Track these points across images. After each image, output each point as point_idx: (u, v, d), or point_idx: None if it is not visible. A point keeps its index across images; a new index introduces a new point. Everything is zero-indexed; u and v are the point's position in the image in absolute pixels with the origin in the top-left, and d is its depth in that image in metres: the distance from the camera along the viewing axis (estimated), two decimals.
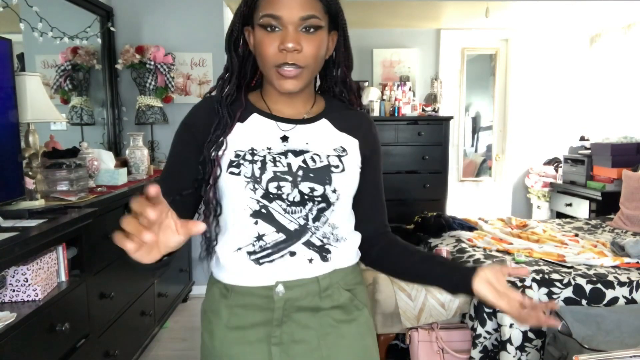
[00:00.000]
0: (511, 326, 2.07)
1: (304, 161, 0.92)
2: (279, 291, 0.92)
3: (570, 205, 4.17)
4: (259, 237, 0.90)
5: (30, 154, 1.95)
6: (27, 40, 2.47)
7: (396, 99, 4.24)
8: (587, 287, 2.13)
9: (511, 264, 2.30)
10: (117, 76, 3.40)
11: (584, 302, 2.12)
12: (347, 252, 0.98)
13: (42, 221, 1.63)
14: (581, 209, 4.02)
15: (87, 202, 1.99)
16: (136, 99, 3.33)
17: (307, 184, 0.90)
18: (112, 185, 2.46)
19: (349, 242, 0.99)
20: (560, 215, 4.32)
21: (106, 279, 2.09)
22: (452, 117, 4.24)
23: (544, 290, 2.12)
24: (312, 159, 0.92)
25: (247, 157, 0.90)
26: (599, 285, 2.14)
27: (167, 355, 2.76)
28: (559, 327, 1.90)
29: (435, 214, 3.16)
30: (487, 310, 2.12)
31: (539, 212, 4.68)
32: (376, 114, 4.13)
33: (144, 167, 2.89)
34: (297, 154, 0.92)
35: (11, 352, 1.31)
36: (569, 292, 2.12)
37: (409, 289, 2.17)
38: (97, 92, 3.29)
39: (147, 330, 2.66)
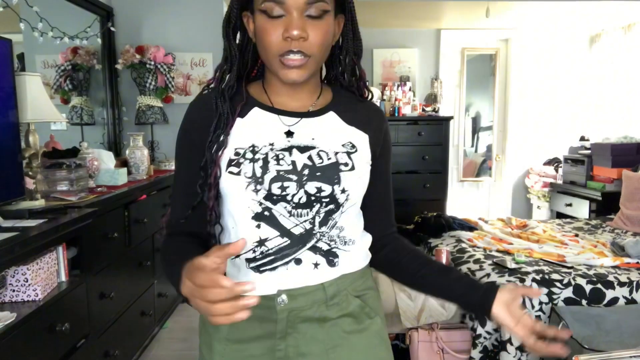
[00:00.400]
0: None
1: (309, 158, 0.83)
2: (282, 301, 0.84)
3: (570, 205, 4.17)
4: (261, 242, 0.82)
5: (30, 154, 1.95)
6: (27, 40, 2.48)
7: (396, 99, 4.24)
8: (587, 287, 2.13)
9: (511, 264, 2.30)
10: (117, 76, 3.40)
11: (584, 302, 2.11)
12: (356, 256, 0.90)
13: (42, 221, 1.63)
14: (581, 209, 4.03)
15: (87, 202, 1.99)
16: (136, 99, 3.33)
17: (314, 184, 0.81)
18: (112, 185, 2.46)
19: (358, 244, 0.91)
20: (560, 215, 4.32)
21: (106, 279, 2.09)
22: (452, 117, 4.24)
23: (544, 290, 2.11)
24: (318, 155, 0.83)
25: (248, 155, 0.82)
26: (599, 285, 2.14)
27: (167, 355, 2.76)
28: (559, 327, 1.90)
29: (435, 214, 3.16)
30: None
31: (539, 212, 4.68)
32: None
33: (144, 167, 2.89)
34: (302, 150, 0.83)
35: (11, 352, 1.31)
36: (569, 292, 2.12)
37: (409, 289, 2.17)
38: (97, 92, 3.29)
39: (147, 330, 2.66)
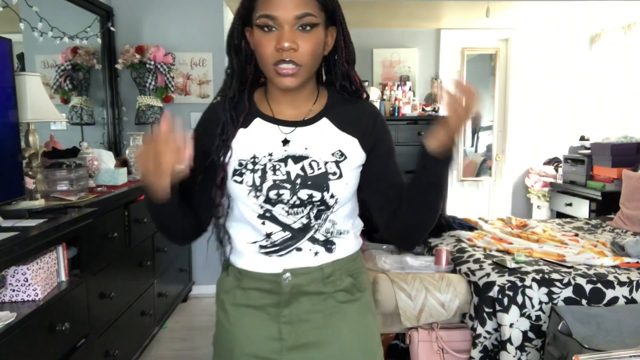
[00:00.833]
0: (511, 326, 2.07)
1: (302, 168, 0.96)
2: (287, 278, 0.99)
3: (570, 205, 4.17)
4: (268, 235, 0.98)
5: (30, 154, 1.95)
6: (27, 40, 2.47)
7: (396, 99, 4.24)
8: (587, 287, 2.13)
9: (511, 264, 2.30)
10: (117, 76, 3.40)
11: (584, 302, 2.11)
12: (350, 243, 1.05)
13: (42, 221, 1.63)
14: (581, 208, 4.02)
15: (87, 202, 1.99)
16: (136, 99, 3.33)
17: (305, 191, 0.95)
18: (112, 185, 2.46)
19: (351, 233, 1.05)
20: (560, 215, 4.32)
21: (106, 279, 2.09)
22: None
23: (544, 290, 2.12)
24: (310, 165, 0.96)
25: (249, 166, 0.96)
26: (599, 285, 2.14)
27: (167, 355, 2.76)
28: (559, 327, 1.90)
29: None
30: (487, 310, 2.12)
31: (539, 212, 4.68)
32: None
33: None
34: (296, 160, 0.96)
35: (11, 352, 1.31)
36: (569, 292, 2.12)
37: (409, 289, 2.17)
38: (97, 92, 3.29)
39: (147, 330, 2.66)
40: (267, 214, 0.97)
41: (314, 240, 0.99)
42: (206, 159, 0.98)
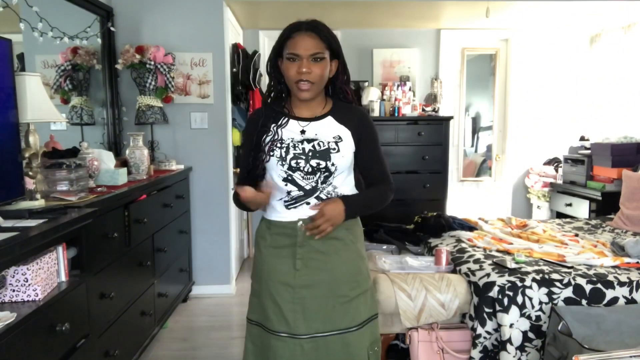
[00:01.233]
0: (511, 326, 2.07)
1: (312, 146, 1.49)
2: (300, 225, 1.51)
3: (570, 205, 4.17)
4: (289, 193, 1.51)
5: (30, 154, 1.94)
6: (27, 40, 2.47)
7: (396, 99, 4.24)
8: (587, 287, 2.13)
9: (511, 264, 2.30)
10: (117, 76, 3.40)
11: (584, 302, 2.12)
12: None
13: (42, 221, 1.63)
14: (581, 209, 4.03)
15: (87, 202, 1.99)
16: (136, 99, 3.33)
17: (315, 160, 1.49)
18: (112, 185, 2.46)
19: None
20: (560, 215, 4.32)
21: (106, 279, 2.09)
22: (452, 117, 4.24)
23: (544, 290, 2.12)
24: (318, 144, 1.50)
25: (278, 144, 1.51)
26: (599, 285, 2.14)
27: (167, 355, 2.76)
28: (559, 327, 1.90)
29: (435, 214, 3.16)
30: (487, 310, 2.12)
31: (539, 212, 4.68)
32: (376, 114, 4.13)
33: (144, 167, 2.89)
34: (309, 141, 1.50)
35: (11, 352, 1.31)
36: (569, 292, 2.12)
37: (409, 289, 2.17)
38: (97, 92, 3.29)
39: (147, 330, 2.66)
40: (289, 177, 1.49)
41: (319, 198, 1.51)
42: (255, 145, 1.53)
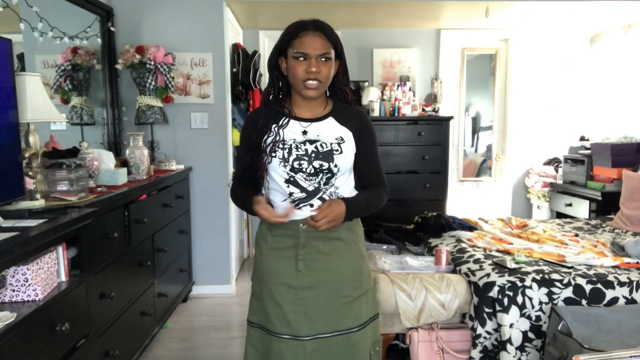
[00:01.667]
0: (511, 326, 2.07)
1: (315, 147, 1.46)
2: (302, 226, 1.48)
3: (570, 205, 4.17)
4: (291, 194, 1.48)
5: (30, 154, 1.94)
6: (27, 40, 2.47)
7: (396, 99, 4.24)
8: (587, 287, 2.13)
9: (511, 264, 2.30)
10: (117, 76, 3.39)
11: (584, 302, 2.12)
12: None
13: (42, 221, 1.63)
14: (581, 209, 4.03)
15: (87, 202, 1.99)
16: (136, 99, 3.33)
17: (317, 162, 1.46)
18: (112, 185, 2.46)
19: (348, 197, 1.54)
20: (560, 215, 4.32)
21: (106, 279, 2.09)
22: (452, 117, 4.24)
23: (544, 290, 2.12)
24: (321, 146, 1.47)
25: (280, 146, 1.47)
26: (599, 285, 2.14)
27: (167, 355, 2.76)
28: (559, 327, 1.90)
29: (435, 214, 3.16)
30: (487, 310, 2.12)
31: (539, 212, 4.68)
32: (376, 114, 4.13)
33: (144, 167, 2.89)
34: (312, 142, 1.47)
35: (11, 352, 1.31)
36: (569, 292, 2.12)
37: (409, 289, 2.17)
38: (97, 92, 3.29)
39: (147, 330, 2.66)
40: (291, 178, 1.46)
41: (322, 199, 1.48)
42: (254, 144, 1.49)
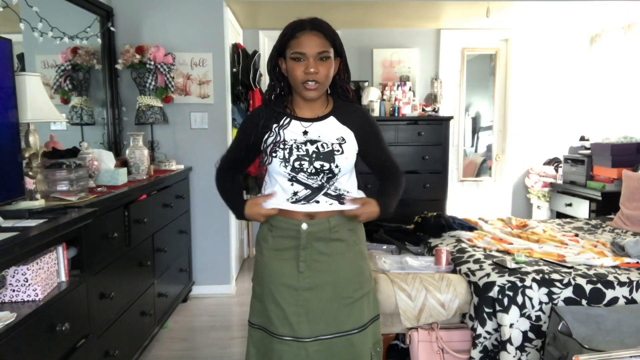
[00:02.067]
0: (511, 326, 2.07)
1: (316, 147, 1.44)
2: (304, 226, 1.48)
3: (570, 205, 4.17)
4: (295, 193, 1.47)
5: (30, 154, 1.94)
6: (27, 40, 2.47)
7: (396, 99, 4.24)
8: (587, 287, 2.13)
9: (511, 264, 2.30)
10: (117, 76, 3.39)
11: (584, 302, 2.12)
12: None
13: (42, 221, 1.63)
14: (581, 209, 4.02)
15: (87, 202, 1.99)
16: (136, 99, 3.33)
17: (318, 162, 1.44)
18: (112, 185, 2.46)
19: (352, 195, 1.53)
20: (560, 215, 4.32)
21: (106, 279, 2.09)
22: (452, 117, 4.24)
23: (544, 290, 2.12)
24: (322, 146, 1.45)
25: (281, 146, 1.45)
26: (599, 285, 2.14)
27: (167, 355, 2.76)
28: (559, 327, 1.90)
29: (435, 214, 3.16)
30: (487, 310, 2.12)
31: (539, 212, 4.68)
32: (376, 114, 4.13)
33: (144, 167, 2.89)
34: (313, 142, 1.45)
35: (11, 352, 1.31)
36: (569, 292, 2.12)
37: (409, 289, 2.17)
38: (97, 92, 3.29)
39: (147, 330, 2.66)
40: (293, 177, 1.45)
41: (327, 195, 1.47)
42: (252, 144, 1.50)
